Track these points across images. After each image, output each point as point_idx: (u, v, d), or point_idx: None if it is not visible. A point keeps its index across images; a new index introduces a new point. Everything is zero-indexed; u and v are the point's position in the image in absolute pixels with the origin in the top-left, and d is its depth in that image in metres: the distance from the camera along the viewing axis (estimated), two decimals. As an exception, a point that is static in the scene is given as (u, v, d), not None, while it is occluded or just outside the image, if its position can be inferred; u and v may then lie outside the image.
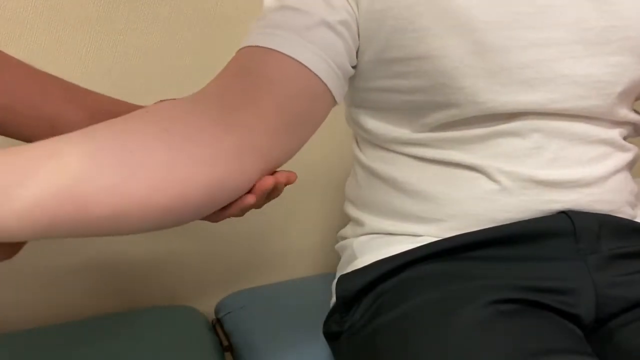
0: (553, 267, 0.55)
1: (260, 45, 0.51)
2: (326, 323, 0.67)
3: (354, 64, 0.57)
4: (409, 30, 0.53)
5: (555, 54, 0.53)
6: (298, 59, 0.50)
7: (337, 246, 0.71)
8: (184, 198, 0.41)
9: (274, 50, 0.50)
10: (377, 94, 0.59)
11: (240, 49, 0.53)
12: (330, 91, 0.52)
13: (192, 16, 0.84)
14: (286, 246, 1.01)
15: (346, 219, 0.70)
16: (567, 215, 0.55)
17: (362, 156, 0.65)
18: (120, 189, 0.38)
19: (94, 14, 0.78)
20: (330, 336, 0.67)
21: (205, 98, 0.48)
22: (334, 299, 0.65)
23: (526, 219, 0.56)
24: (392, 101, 0.59)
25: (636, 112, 0.61)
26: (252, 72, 0.50)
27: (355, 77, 0.59)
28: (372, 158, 0.64)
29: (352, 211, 0.67)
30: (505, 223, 0.56)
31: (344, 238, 0.69)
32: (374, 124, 0.62)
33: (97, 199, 0.37)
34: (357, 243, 0.64)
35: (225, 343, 0.82)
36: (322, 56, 0.51)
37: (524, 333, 0.50)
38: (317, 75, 0.50)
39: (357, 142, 0.67)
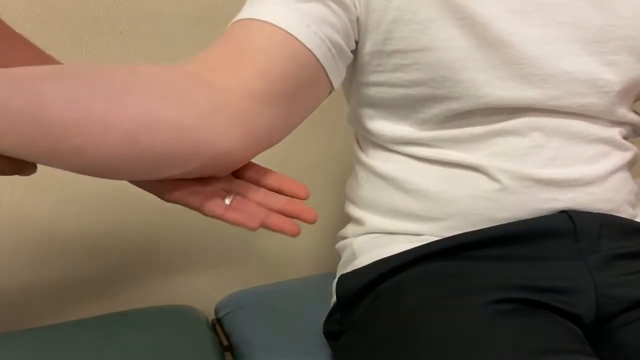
0: (553, 267, 0.55)
1: (247, 17, 0.50)
2: (326, 323, 0.68)
3: (352, 47, 0.56)
4: (411, 21, 0.53)
5: (556, 51, 0.53)
6: (283, 27, 0.49)
7: (337, 246, 0.71)
8: (146, 126, 0.40)
9: (259, 20, 0.50)
10: (377, 89, 0.59)
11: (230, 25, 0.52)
12: (320, 63, 0.51)
13: (192, 16, 0.84)
14: (286, 246, 1.00)
15: (346, 219, 0.70)
16: (567, 214, 0.55)
17: (363, 155, 0.65)
18: (81, 102, 0.37)
19: (94, 13, 0.78)
20: (331, 336, 0.67)
21: (186, 62, 0.48)
22: (334, 299, 0.65)
23: (527, 218, 0.56)
24: (392, 96, 0.59)
25: (636, 112, 0.61)
26: (237, 41, 0.50)
27: (355, 71, 0.59)
28: (373, 157, 0.64)
29: (353, 210, 0.67)
30: (505, 222, 0.56)
31: (344, 238, 0.69)
32: (375, 123, 0.62)
33: (56, 102, 0.36)
34: (357, 243, 0.64)
35: (225, 343, 0.82)
36: (311, 27, 0.50)
37: (524, 333, 0.50)
38: (303, 44, 0.50)
39: (357, 141, 0.67)
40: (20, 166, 0.39)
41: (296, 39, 0.49)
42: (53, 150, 0.37)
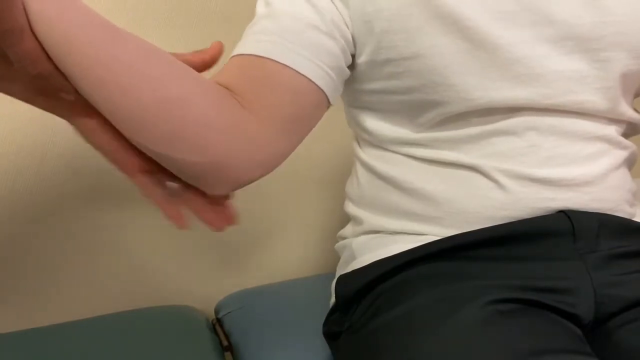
0: (552, 267, 0.55)
1: (254, 53, 0.52)
2: (326, 323, 0.68)
3: (350, 62, 0.58)
4: (400, 30, 0.54)
5: (545, 50, 0.54)
6: (288, 64, 0.51)
7: (336, 246, 0.71)
8: (188, 102, 0.45)
9: (266, 58, 0.51)
10: (374, 96, 0.60)
11: (235, 55, 0.54)
12: (323, 92, 0.54)
13: (192, 16, 0.84)
14: (286, 246, 1.01)
15: (346, 219, 0.70)
16: (565, 214, 0.55)
17: (362, 155, 0.65)
18: (150, 64, 0.44)
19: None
20: (330, 336, 0.67)
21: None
22: (333, 299, 0.65)
23: (525, 217, 0.56)
24: (389, 102, 0.59)
25: (635, 110, 0.61)
26: (247, 79, 0.51)
27: (352, 79, 0.60)
28: (372, 157, 0.64)
29: (352, 209, 0.67)
30: (504, 221, 0.56)
31: (344, 238, 0.69)
32: (374, 125, 0.62)
33: (122, 50, 0.44)
34: (356, 243, 0.65)
35: (225, 343, 0.82)
36: (312, 60, 0.52)
37: (523, 333, 0.50)
38: (306, 77, 0.52)
39: (357, 140, 0.68)
40: (68, 88, 0.43)
41: (299, 73, 0.51)
42: (103, 79, 0.41)
